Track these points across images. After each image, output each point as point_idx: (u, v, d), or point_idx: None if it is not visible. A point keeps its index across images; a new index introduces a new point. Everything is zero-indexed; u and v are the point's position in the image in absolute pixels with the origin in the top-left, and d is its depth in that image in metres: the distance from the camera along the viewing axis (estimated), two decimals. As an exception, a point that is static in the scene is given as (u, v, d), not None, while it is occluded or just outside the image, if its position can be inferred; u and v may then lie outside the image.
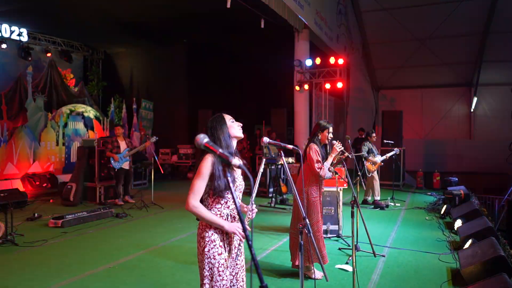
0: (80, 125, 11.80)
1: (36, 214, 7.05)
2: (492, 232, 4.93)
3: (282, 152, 2.49)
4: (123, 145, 8.32)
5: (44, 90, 12.48)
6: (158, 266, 4.65)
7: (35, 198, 9.00)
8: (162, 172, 9.49)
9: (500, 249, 4.06)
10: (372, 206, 8.28)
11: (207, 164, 2.16)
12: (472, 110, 16.42)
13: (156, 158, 8.84)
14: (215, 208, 2.24)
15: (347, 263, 4.74)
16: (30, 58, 12.55)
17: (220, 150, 1.50)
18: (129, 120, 13.34)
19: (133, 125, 13.34)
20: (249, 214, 2.36)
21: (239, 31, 12.26)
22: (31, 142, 10.46)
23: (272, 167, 9.14)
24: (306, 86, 11.18)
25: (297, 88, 11.22)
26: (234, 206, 2.31)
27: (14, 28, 11.97)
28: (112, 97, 14.10)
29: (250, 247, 1.33)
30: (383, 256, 5.03)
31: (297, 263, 4.27)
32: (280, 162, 8.39)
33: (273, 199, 8.45)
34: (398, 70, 16.58)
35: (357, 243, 5.24)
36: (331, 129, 4.34)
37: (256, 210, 2.38)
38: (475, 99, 16.13)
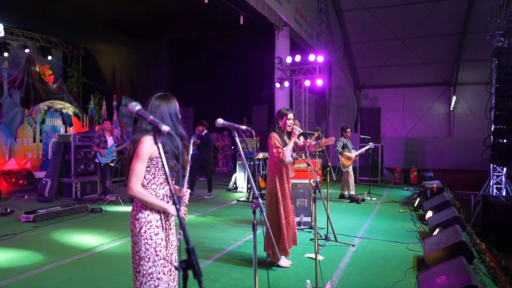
0: (58, 122, 11.60)
1: (8, 209, 6.93)
2: (459, 221, 5.03)
3: (236, 132, 2.50)
4: (110, 140, 8.23)
5: (21, 86, 12.28)
6: (128, 257, 4.61)
7: (10, 195, 8.85)
8: None
9: (463, 235, 4.15)
10: (349, 201, 8.37)
11: (146, 146, 2.12)
12: (451, 109, 16.72)
13: None
14: (150, 189, 2.22)
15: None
16: (6, 54, 12.33)
17: (151, 117, 1.51)
18: (109, 117, 13.19)
19: (113, 122, 13.17)
20: (184, 198, 2.34)
21: (220, 28, 12.26)
22: (7, 138, 10.26)
23: (250, 162, 9.16)
24: (286, 83, 11.23)
25: (277, 85, 11.26)
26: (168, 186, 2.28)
27: (-10, 23, 11.76)
28: (92, 94, 13.94)
29: (179, 217, 1.35)
30: (353, 245, 5.09)
31: (270, 252, 4.27)
32: (257, 157, 8.41)
33: (250, 193, 8.50)
34: (380, 69, 16.79)
35: (327, 233, 5.31)
36: (290, 116, 4.31)
37: (189, 191, 2.38)
38: (454, 98, 16.45)
